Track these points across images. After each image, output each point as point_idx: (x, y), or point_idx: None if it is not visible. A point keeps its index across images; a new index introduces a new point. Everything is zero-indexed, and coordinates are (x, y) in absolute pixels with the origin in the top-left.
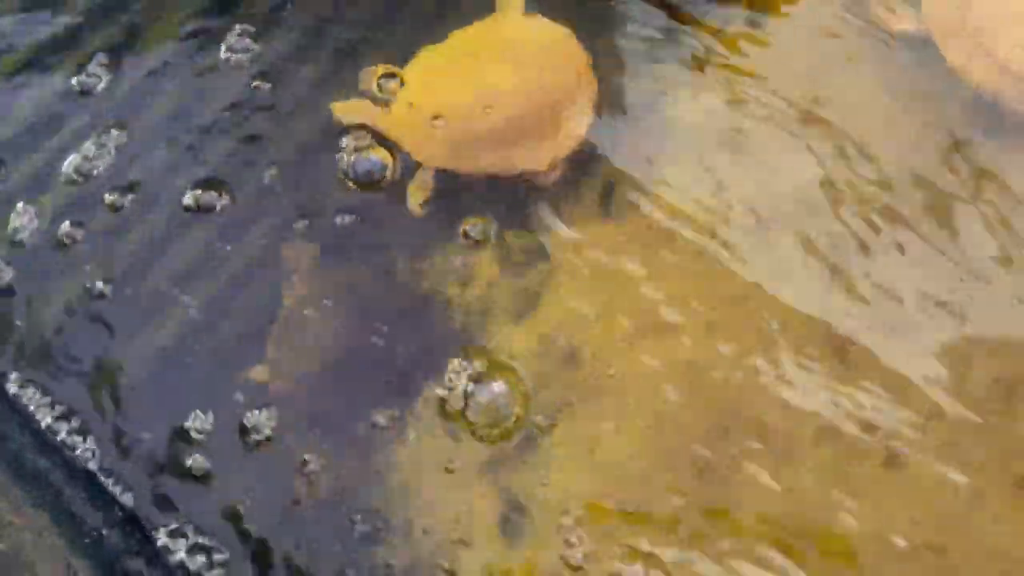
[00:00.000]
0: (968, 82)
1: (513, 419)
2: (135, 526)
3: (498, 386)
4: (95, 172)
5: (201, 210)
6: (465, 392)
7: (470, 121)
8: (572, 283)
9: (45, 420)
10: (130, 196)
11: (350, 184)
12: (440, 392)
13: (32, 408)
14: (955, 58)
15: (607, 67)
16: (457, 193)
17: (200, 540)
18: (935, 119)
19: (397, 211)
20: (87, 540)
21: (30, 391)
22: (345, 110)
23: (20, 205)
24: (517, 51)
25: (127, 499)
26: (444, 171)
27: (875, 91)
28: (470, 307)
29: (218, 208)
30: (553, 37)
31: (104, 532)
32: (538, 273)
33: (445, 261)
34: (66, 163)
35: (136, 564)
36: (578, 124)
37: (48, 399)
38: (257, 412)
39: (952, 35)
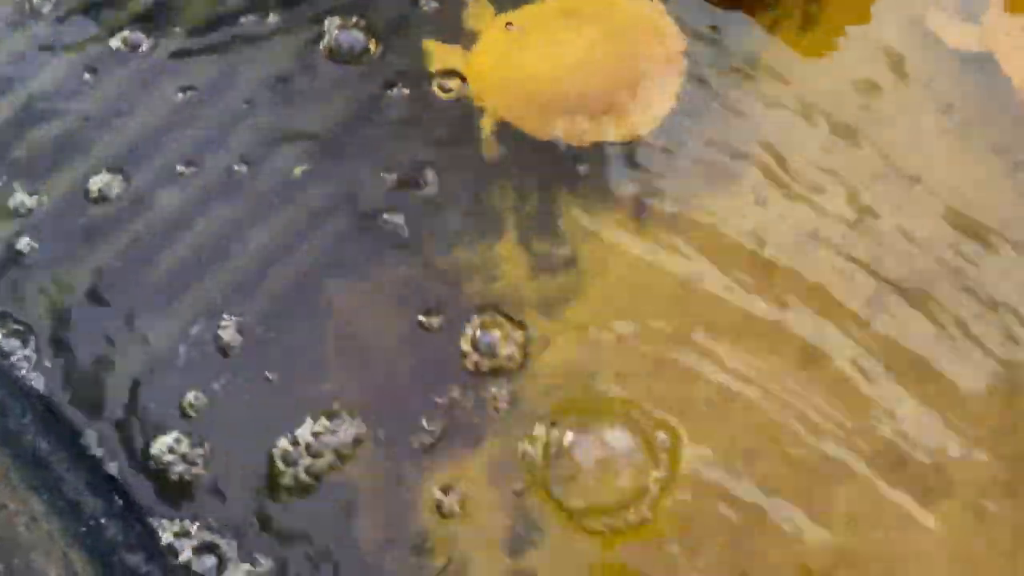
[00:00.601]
0: None
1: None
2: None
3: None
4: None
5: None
6: None
7: (548, 82)
8: (600, 290)
9: None
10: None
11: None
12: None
13: None
14: (1020, 78)
15: None
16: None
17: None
18: (997, 140)
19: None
20: (84, 529)
21: None
22: (436, 50)
23: None
24: (610, 20)
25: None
26: (508, 126)
27: (933, 110)
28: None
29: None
30: (649, 11)
31: (103, 521)
32: (566, 277)
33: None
34: None
35: (134, 559)
36: (660, 105)
37: None
38: None
39: (1016, 53)
